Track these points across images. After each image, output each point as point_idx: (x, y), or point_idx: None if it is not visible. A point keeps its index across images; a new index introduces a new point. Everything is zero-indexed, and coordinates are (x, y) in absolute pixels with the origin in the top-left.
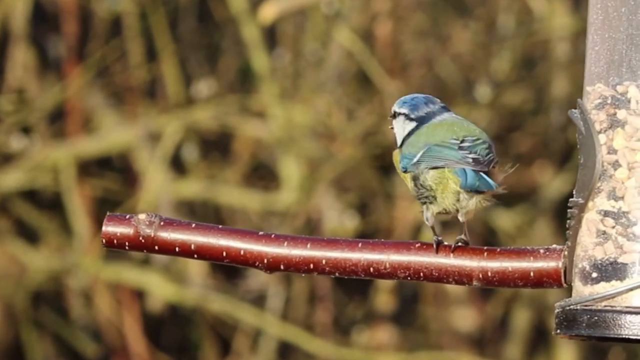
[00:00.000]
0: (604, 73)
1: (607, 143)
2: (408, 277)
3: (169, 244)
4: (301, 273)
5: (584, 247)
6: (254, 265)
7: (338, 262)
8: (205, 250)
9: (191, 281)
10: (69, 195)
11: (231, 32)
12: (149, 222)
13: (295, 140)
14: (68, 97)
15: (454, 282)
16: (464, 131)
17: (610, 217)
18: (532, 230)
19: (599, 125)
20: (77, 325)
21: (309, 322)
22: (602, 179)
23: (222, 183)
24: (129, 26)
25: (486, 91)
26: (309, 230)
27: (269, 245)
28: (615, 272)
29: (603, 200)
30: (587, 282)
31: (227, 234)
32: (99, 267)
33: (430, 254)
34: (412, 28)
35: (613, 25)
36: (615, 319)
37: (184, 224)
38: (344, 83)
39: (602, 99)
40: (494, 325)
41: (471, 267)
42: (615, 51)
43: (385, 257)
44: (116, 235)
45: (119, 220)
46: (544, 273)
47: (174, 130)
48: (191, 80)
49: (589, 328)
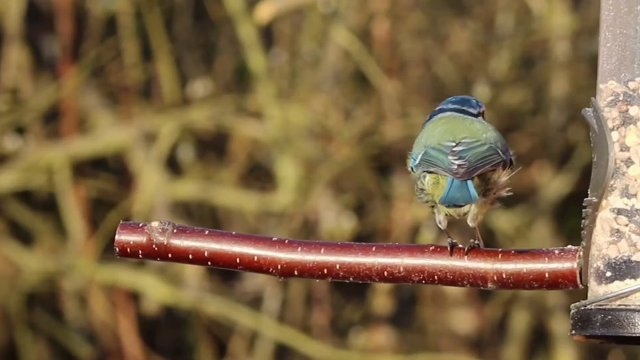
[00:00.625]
0: (615, 70)
1: (619, 140)
2: (422, 280)
3: (182, 251)
4: (315, 278)
5: (598, 246)
6: (267, 271)
7: (352, 267)
8: (218, 257)
9: (187, 283)
10: (63, 196)
11: (227, 32)
12: (162, 230)
13: (292, 141)
14: (63, 97)
15: (469, 285)
16: (465, 132)
17: (623, 215)
18: (530, 231)
19: (612, 122)
20: (72, 328)
21: (305, 324)
22: (615, 176)
23: (218, 184)
24: (124, 25)
25: (485, 91)
26: (306, 232)
27: (282, 251)
28: (629, 270)
29: (616, 198)
30: (601, 282)
31: (241, 240)
32: (93, 269)
33: (444, 257)
34: (409, 27)
35: (625, 22)
36: (629, 317)
37: (197, 231)
38: (341, 83)
39: (614, 96)
40: (493, 327)
41: (485, 269)
42: (627, 47)
43: (400, 260)
44: (129, 244)
45: (131, 228)
46: (559, 274)
47: (169, 130)
48: (187, 80)
49: (602, 327)
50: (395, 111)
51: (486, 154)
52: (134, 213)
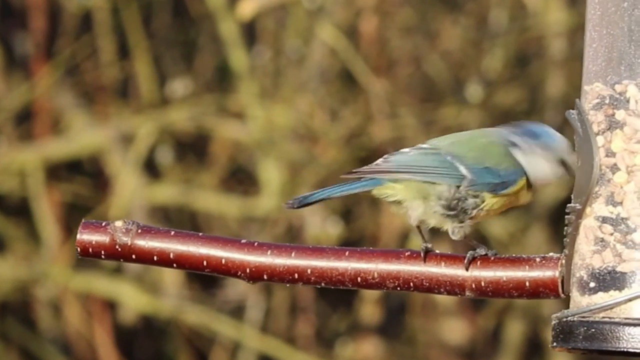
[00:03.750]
0: (602, 71)
1: (605, 145)
2: (397, 287)
3: (146, 252)
4: (285, 283)
5: (582, 256)
6: (235, 275)
7: (324, 272)
8: (184, 259)
9: (166, 291)
10: (36, 201)
11: (208, 28)
12: (126, 230)
13: (275, 143)
14: (36, 97)
15: (446, 293)
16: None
17: (608, 223)
18: (525, 237)
19: (597, 126)
20: (46, 338)
21: (290, 335)
22: (599, 183)
23: (198, 188)
24: (100, 22)
25: (477, 90)
26: (290, 238)
27: (251, 254)
28: (614, 281)
29: (601, 205)
30: (584, 293)
31: (208, 242)
32: (68, 277)
33: (421, 263)
34: (398, 24)
35: (611, 21)
36: (613, 331)
37: (163, 232)
38: (327, 82)
39: (600, 99)
40: (486, 338)
41: (463, 276)
42: (614, 48)
43: (374, 266)
44: (91, 244)
45: (94, 227)
46: (540, 283)
47: (147, 131)
48: (166, 79)
49: (585, 341)
50: (383, 111)
51: (421, 162)
52: (111, 218)
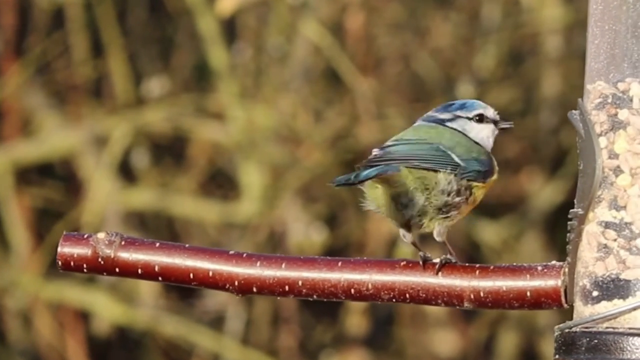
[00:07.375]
0: (604, 69)
1: (607, 147)
2: (393, 298)
3: (130, 265)
4: (276, 296)
5: (585, 263)
6: (224, 288)
7: (316, 284)
8: (170, 272)
9: (141, 301)
10: (5, 206)
11: (186, 25)
12: (109, 242)
13: (256, 145)
14: (5, 97)
15: (443, 304)
16: (413, 135)
17: (611, 228)
18: (519, 244)
19: (599, 127)
20: (15, 350)
21: (272, 347)
22: (602, 186)
23: (175, 192)
24: (72, 18)
25: (469, 90)
26: (272, 245)
27: (240, 266)
28: (618, 289)
29: (604, 210)
30: (587, 302)
31: (195, 254)
32: (39, 286)
33: (417, 273)
34: (386, 20)
35: (614, 16)
36: (617, 341)
37: (147, 244)
38: (311, 81)
39: (602, 98)
40: (478, 350)
41: (462, 286)
42: (617, 45)
43: (368, 277)
44: (73, 257)
45: (75, 240)
46: (542, 292)
47: (122, 133)
48: (142, 78)
49: (588, 352)
50: (370, 112)
51: (421, 151)
52: (83, 224)
